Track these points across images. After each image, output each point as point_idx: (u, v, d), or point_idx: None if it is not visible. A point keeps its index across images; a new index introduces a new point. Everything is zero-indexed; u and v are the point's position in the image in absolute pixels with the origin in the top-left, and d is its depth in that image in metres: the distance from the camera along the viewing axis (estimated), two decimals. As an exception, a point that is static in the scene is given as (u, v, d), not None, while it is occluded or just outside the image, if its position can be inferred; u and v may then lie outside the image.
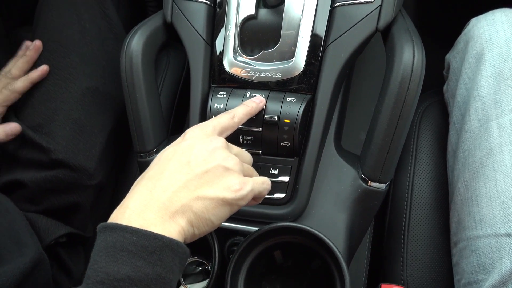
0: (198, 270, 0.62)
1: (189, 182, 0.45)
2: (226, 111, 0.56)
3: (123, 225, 0.41)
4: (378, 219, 0.77)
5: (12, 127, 0.70)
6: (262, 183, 0.50)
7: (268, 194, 0.62)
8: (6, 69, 0.75)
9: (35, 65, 0.74)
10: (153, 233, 0.40)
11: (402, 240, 0.70)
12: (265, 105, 0.60)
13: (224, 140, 0.50)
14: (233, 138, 0.62)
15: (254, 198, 0.50)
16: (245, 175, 0.49)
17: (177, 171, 0.46)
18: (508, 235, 0.56)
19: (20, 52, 0.75)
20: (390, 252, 0.71)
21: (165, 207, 0.43)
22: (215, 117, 0.55)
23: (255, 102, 0.59)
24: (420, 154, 0.74)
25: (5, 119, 0.73)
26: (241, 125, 0.60)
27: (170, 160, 0.47)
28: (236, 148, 0.52)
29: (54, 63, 0.74)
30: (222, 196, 0.45)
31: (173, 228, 0.42)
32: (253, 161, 0.62)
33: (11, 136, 0.71)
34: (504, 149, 0.59)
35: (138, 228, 0.40)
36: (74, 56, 0.74)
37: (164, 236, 0.41)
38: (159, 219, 0.42)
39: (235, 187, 0.46)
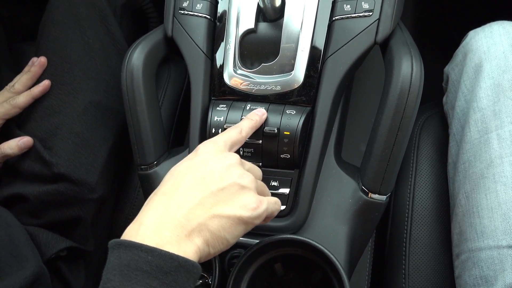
0: (198, 283, 0.62)
1: (205, 199, 0.44)
2: (233, 126, 0.56)
3: (138, 243, 0.40)
4: (380, 231, 0.76)
5: (25, 141, 0.71)
6: (274, 203, 0.50)
7: (268, 206, 0.62)
8: (10, 83, 0.76)
9: (38, 79, 0.75)
10: (169, 253, 0.40)
11: (404, 252, 0.69)
12: None
13: (238, 156, 0.49)
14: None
15: (265, 218, 0.49)
16: (258, 192, 0.49)
17: (192, 187, 0.45)
18: (510, 247, 0.56)
19: (25, 68, 0.76)
20: (391, 264, 0.71)
21: (181, 225, 0.42)
22: (224, 131, 0.54)
23: (257, 115, 0.59)
24: (421, 166, 0.74)
25: (7, 133, 0.74)
26: (241, 138, 0.61)
27: (185, 175, 0.46)
28: (248, 164, 0.52)
29: (58, 78, 0.74)
30: (238, 215, 0.44)
31: (189, 248, 0.42)
32: (253, 173, 0.62)
33: (24, 149, 0.71)
34: (504, 160, 0.59)
35: (154, 247, 0.40)
36: (78, 71, 0.75)
37: (180, 256, 0.40)
38: (175, 237, 0.41)
39: (252, 205, 0.45)
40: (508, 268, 0.55)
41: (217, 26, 0.67)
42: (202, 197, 0.44)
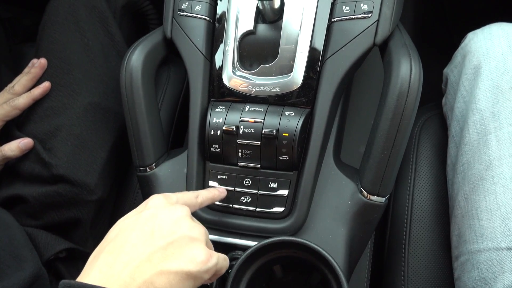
0: (197, 285, 0.62)
1: (153, 255, 0.42)
2: (191, 191, 0.54)
3: (89, 284, 0.39)
4: (379, 233, 0.76)
5: (25, 142, 0.71)
6: (224, 259, 0.49)
7: (267, 208, 0.62)
8: (10, 85, 0.76)
9: (38, 81, 0.75)
10: None
11: (403, 254, 0.69)
12: (264, 119, 0.60)
13: (188, 209, 0.48)
14: (232, 152, 0.62)
15: (213, 275, 0.47)
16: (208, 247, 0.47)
17: (140, 244, 0.43)
18: (509, 248, 0.55)
19: (25, 69, 0.76)
20: (391, 266, 0.71)
21: (125, 285, 0.40)
22: (180, 192, 0.53)
23: (218, 190, 0.60)
24: (420, 167, 0.74)
25: (7, 134, 0.74)
26: (240, 139, 0.61)
27: (133, 230, 0.45)
28: (197, 220, 0.50)
29: (57, 79, 0.74)
30: (187, 269, 0.43)
31: None
32: (252, 175, 0.62)
33: (25, 151, 0.72)
34: (503, 162, 0.59)
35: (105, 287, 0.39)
36: (77, 73, 0.75)
37: None
38: None
39: (201, 258, 0.44)
40: (507, 270, 0.55)
41: (216, 27, 0.67)
42: (150, 252, 0.43)
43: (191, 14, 0.66)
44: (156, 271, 0.42)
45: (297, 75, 0.61)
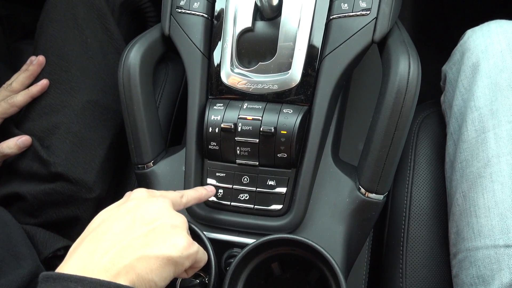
0: (195, 282, 0.62)
1: (134, 241, 0.43)
2: (177, 191, 0.55)
3: (67, 274, 0.39)
4: (377, 231, 0.76)
5: (23, 140, 0.71)
6: (203, 253, 0.49)
7: (265, 206, 0.62)
8: (8, 82, 0.76)
9: (36, 78, 0.75)
10: (99, 279, 0.39)
11: (401, 252, 0.69)
12: (262, 117, 0.60)
13: (170, 200, 0.49)
14: (231, 150, 0.62)
15: (191, 266, 0.48)
16: None
17: (121, 231, 0.43)
18: (507, 246, 0.56)
19: (23, 67, 0.76)
20: (389, 263, 0.71)
21: (105, 270, 0.40)
22: (164, 191, 0.53)
23: (206, 189, 0.59)
24: (418, 165, 0.74)
25: (5, 132, 0.74)
26: (238, 137, 0.61)
27: (115, 220, 0.45)
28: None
29: (55, 77, 0.74)
30: (168, 254, 0.43)
31: None
32: (250, 173, 0.63)
33: (23, 149, 0.72)
34: (501, 159, 0.59)
35: (83, 276, 0.39)
36: (75, 70, 0.75)
37: (112, 282, 0.39)
38: None
39: (183, 244, 0.44)
40: (505, 268, 0.55)
41: (214, 24, 0.66)
42: (131, 238, 0.43)
43: (189, 11, 0.66)
44: (137, 256, 0.42)
45: (296, 72, 0.61)
